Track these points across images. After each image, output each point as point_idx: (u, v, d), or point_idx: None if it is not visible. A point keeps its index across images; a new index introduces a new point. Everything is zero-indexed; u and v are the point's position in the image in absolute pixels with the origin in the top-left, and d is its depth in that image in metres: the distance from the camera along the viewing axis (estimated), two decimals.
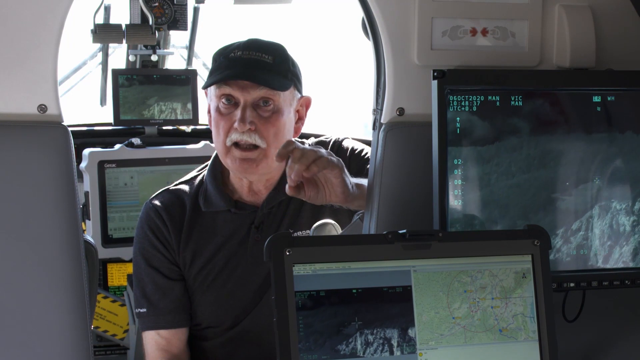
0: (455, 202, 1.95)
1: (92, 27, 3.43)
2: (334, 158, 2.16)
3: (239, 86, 2.42)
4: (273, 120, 2.44)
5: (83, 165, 3.85)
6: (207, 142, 4.02)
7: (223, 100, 2.44)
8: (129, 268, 4.15)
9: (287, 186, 2.16)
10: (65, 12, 1.90)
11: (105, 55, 4.71)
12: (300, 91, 2.54)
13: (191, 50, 4.77)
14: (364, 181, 2.26)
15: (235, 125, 2.41)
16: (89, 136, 4.34)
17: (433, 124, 1.95)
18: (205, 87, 2.48)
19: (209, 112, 2.57)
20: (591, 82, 2.03)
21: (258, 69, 2.42)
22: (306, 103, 2.57)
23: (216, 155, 2.62)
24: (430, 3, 2.05)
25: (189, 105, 4.17)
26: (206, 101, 2.62)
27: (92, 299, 2.13)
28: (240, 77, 2.42)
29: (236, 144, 2.43)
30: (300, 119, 2.56)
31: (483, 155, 1.97)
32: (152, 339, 2.54)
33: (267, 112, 2.44)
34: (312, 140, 2.69)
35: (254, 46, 2.46)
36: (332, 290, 1.70)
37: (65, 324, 1.91)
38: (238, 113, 2.42)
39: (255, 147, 2.42)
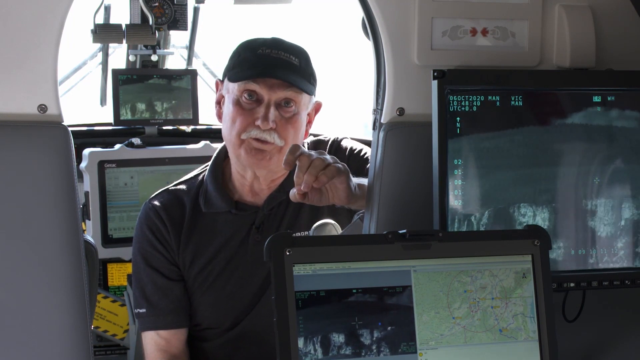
0: (455, 202, 1.95)
1: (92, 27, 3.43)
2: (340, 164, 2.15)
3: (267, 84, 2.41)
4: (293, 121, 2.44)
5: (83, 165, 3.85)
6: (207, 142, 4.02)
7: (245, 95, 2.43)
8: (129, 268, 4.15)
9: (292, 194, 2.14)
10: (65, 12, 1.90)
11: (105, 55, 4.71)
12: (315, 96, 2.55)
13: (191, 50, 4.77)
14: (365, 181, 2.26)
15: (258, 122, 2.40)
16: (89, 136, 4.34)
17: (433, 124, 1.95)
18: (233, 81, 2.45)
19: (218, 103, 2.55)
20: (591, 82, 2.03)
21: (286, 69, 2.43)
22: (317, 108, 2.58)
23: (217, 156, 2.61)
24: (430, 3, 2.05)
25: (189, 105, 4.17)
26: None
27: (92, 299, 2.13)
28: (271, 75, 2.41)
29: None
30: (309, 122, 2.56)
31: (483, 155, 1.96)
32: (152, 339, 2.53)
33: (288, 113, 2.44)
34: (310, 139, 2.69)
35: (281, 46, 2.46)
36: (332, 290, 1.70)
37: (65, 324, 1.91)
38: (261, 110, 2.41)
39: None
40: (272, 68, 2.42)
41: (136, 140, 3.98)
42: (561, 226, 2.00)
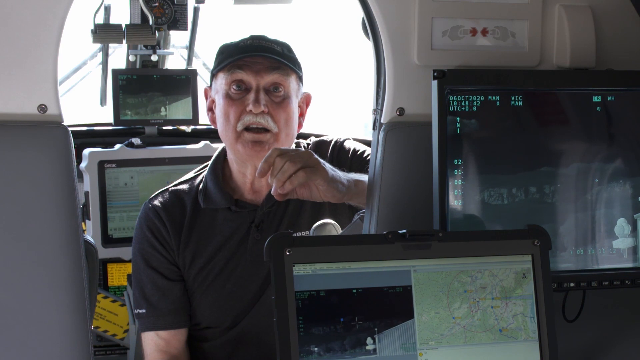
0: (455, 202, 1.95)
1: (92, 27, 3.43)
2: (313, 167, 2.16)
3: (253, 71, 2.46)
4: (284, 105, 2.48)
5: (83, 165, 3.85)
6: (207, 142, 4.02)
7: (234, 86, 2.47)
8: (129, 268, 4.15)
9: (273, 191, 2.17)
10: (65, 12, 1.90)
11: (105, 55, 4.71)
12: (303, 85, 2.58)
13: (191, 50, 4.77)
14: (364, 177, 2.26)
15: (249, 107, 2.44)
16: (89, 136, 4.34)
17: (433, 124, 1.95)
18: (218, 70, 2.50)
19: (210, 109, 2.57)
20: (591, 82, 2.03)
21: (270, 53, 2.48)
22: (307, 100, 2.62)
23: (217, 156, 2.62)
24: (430, 3, 2.05)
25: (189, 105, 4.17)
26: (206, 100, 2.62)
27: (92, 299, 2.13)
28: (255, 54, 2.46)
29: (247, 128, 2.44)
30: (301, 115, 2.59)
31: (483, 155, 1.96)
32: (152, 340, 2.53)
33: (278, 98, 2.48)
34: (312, 140, 2.70)
35: (262, 37, 2.53)
36: (332, 290, 1.70)
37: (65, 324, 1.91)
38: (251, 96, 2.45)
39: (266, 131, 2.44)
40: (256, 50, 2.48)
41: (136, 140, 3.98)
42: (561, 226, 2.00)
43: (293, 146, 2.59)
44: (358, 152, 2.62)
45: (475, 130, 1.96)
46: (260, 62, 2.47)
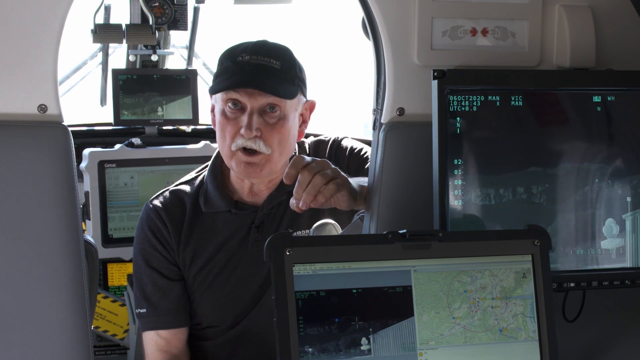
0: (455, 202, 1.95)
1: (92, 27, 3.44)
2: (339, 179, 2.13)
3: (247, 93, 2.40)
4: (278, 127, 2.43)
5: (83, 165, 3.85)
6: (207, 142, 4.01)
7: (229, 104, 2.43)
8: (129, 268, 4.15)
9: (292, 204, 2.12)
10: (65, 12, 1.90)
11: (105, 55, 4.71)
12: (305, 95, 2.53)
13: (191, 50, 4.77)
14: (366, 179, 2.26)
15: (242, 131, 2.40)
16: (89, 136, 4.34)
17: (433, 124, 1.95)
18: (213, 93, 2.46)
19: (212, 111, 2.57)
20: (591, 82, 2.03)
21: (266, 76, 2.40)
22: (310, 107, 2.57)
23: (216, 156, 2.62)
24: (430, 3, 2.05)
25: (189, 105, 4.17)
26: (208, 100, 2.61)
27: (92, 299, 2.14)
28: (248, 84, 2.40)
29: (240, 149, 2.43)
30: (303, 122, 2.55)
31: (483, 155, 1.96)
32: (152, 339, 2.54)
33: (273, 119, 2.42)
34: (311, 139, 2.69)
35: (262, 50, 2.43)
36: (332, 290, 1.71)
37: (65, 324, 1.91)
38: (245, 119, 2.40)
39: (259, 152, 2.42)
40: (251, 76, 2.40)
41: (136, 140, 3.98)
42: (561, 226, 2.00)
43: (295, 148, 2.58)
44: (355, 151, 2.61)
45: (475, 130, 1.96)
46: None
